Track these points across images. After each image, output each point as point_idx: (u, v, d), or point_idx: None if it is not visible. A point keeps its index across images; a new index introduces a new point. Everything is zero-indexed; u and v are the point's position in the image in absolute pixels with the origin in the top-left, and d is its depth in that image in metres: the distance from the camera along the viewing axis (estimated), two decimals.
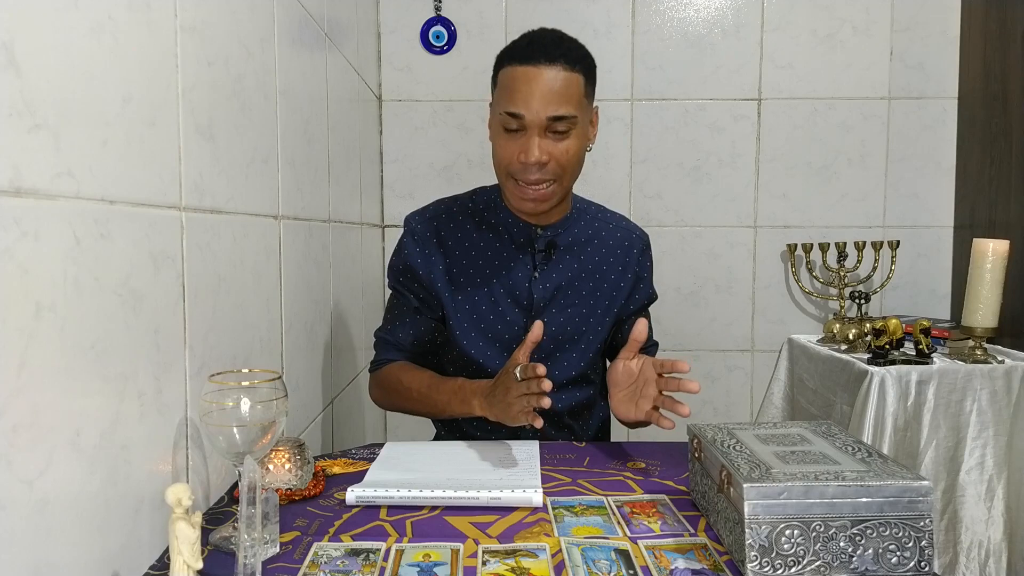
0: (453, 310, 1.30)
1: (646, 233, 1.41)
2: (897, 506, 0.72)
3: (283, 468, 0.92)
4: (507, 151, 1.20)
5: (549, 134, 1.17)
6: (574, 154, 1.20)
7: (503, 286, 1.29)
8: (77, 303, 0.64)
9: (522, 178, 1.20)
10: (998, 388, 1.85)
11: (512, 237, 1.30)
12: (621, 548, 0.80)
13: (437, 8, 2.33)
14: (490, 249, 1.31)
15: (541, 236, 1.30)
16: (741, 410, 2.45)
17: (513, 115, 1.17)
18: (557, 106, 1.16)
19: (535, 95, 1.15)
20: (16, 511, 0.57)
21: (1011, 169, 2.09)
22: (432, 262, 1.30)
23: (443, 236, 1.32)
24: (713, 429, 0.92)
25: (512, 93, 1.17)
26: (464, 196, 1.37)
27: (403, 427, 2.37)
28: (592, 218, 1.36)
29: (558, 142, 1.18)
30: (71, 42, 0.64)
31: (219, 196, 0.97)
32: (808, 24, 2.34)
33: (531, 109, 1.15)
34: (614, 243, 1.35)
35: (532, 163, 1.17)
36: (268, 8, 1.18)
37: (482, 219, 1.33)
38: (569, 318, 1.30)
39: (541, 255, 1.30)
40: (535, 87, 1.15)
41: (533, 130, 1.16)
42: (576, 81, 1.17)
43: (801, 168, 2.38)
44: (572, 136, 1.19)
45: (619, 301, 1.34)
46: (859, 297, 2.12)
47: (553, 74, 1.15)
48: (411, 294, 1.33)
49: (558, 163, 1.19)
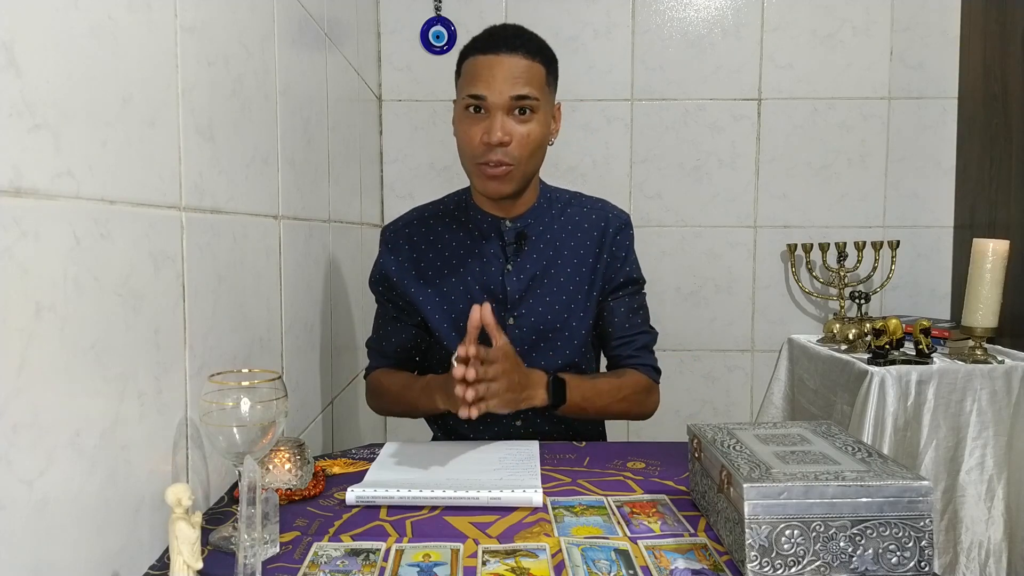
0: (431, 312, 1.31)
1: (626, 213, 1.38)
2: (897, 506, 0.72)
3: (283, 468, 0.92)
4: (470, 134, 1.21)
5: (512, 115, 1.20)
6: (535, 139, 1.22)
7: (477, 282, 1.30)
8: (77, 303, 0.64)
9: (484, 160, 1.21)
10: (998, 388, 1.85)
11: (482, 232, 1.31)
12: (621, 548, 0.80)
13: (437, 8, 2.33)
14: (462, 247, 1.32)
15: (510, 228, 1.30)
16: (741, 410, 2.45)
17: (476, 96, 1.20)
18: (520, 86, 1.19)
19: (497, 77, 1.19)
20: (16, 511, 0.57)
21: (1011, 169, 2.09)
22: (405, 269, 1.32)
23: (416, 241, 1.33)
24: (713, 429, 0.92)
25: (475, 78, 1.21)
26: (437, 201, 1.40)
27: (403, 427, 2.37)
28: (564, 205, 1.35)
29: (520, 124, 1.20)
30: (71, 42, 0.64)
31: (219, 196, 0.97)
32: (808, 24, 2.34)
33: (494, 90, 1.18)
34: (589, 226, 1.34)
35: (495, 142, 1.18)
36: (268, 8, 1.18)
37: (453, 218, 1.34)
38: (548, 307, 1.30)
39: (512, 247, 1.30)
40: (497, 71, 1.19)
41: (496, 112, 1.19)
42: (537, 69, 1.21)
43: (801, 168, 2.38)
44: (534, 121, 1.21)
45: (598, 284, 1.32)
46: (859, 297, 2.12)
47: (515, 60, 1.20)
48: (390, 303, 1.35)
49: (519, 145, 1.20)
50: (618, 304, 1.34)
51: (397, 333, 1.36)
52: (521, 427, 1.30)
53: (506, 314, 1.29)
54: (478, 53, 1.22)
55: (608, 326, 1.34)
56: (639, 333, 1.36)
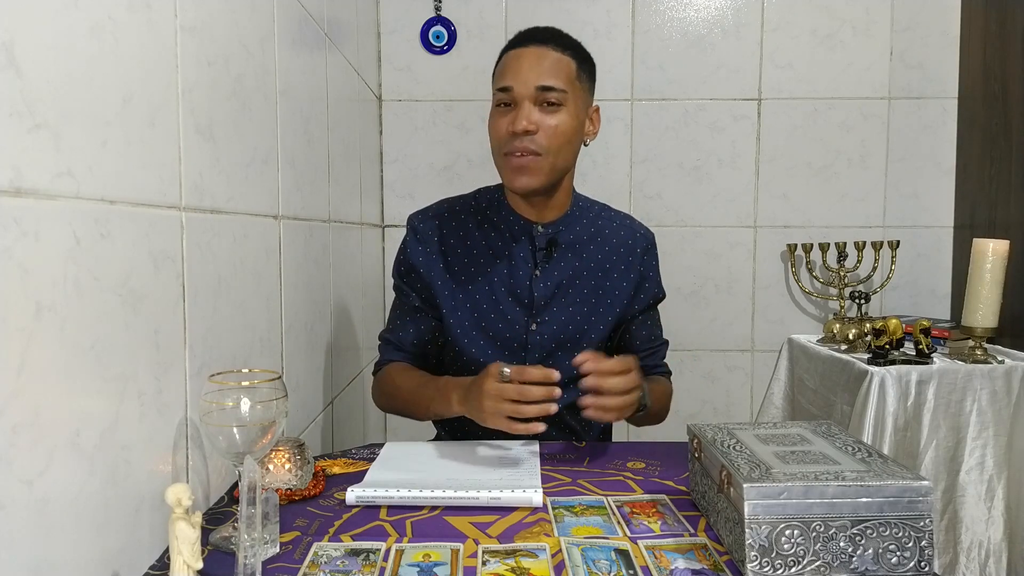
0: (452, 309, 1.29)
1: (651, 232, 1.40)
2: (897, 506, 0.72)
3: (283, 468, 0.92)
4: (499, 126, 1.22)
5: (539, 106, 1.19)
6: (564, 131, 1.20)
7: (504, 284, 1.29)
8: (77, 303, 0.64)
9: (509, 149, 1.20)
10: (998, 388, 1.85)
11: (513, 235, 1.30)
12: (621, 548, 0.80)
13: (437, 8, 2.33)
14: (491, 247, 1.31)
15: (542, 233, 1.29)
16: (741, 410, 2.45)
17: (504, 89, 1.21)
18: (546, 77, 1.19)
19: (523, 68, 1.20)
20: (16, 511, 0.56)
21: (1011, 169, 2.09)
22: (432, 260, 1.30)
23: (445, 235, 1.32)
24: (713, 429, 0.92)
25: (503, 71, 1.22)
26: (467, 196, 1.38)
27: (403, 427, 2.37)
28: (595, 216, 1.36)
29: (548, 115, 1.19)
30: (71, 42, 0.64)
31: (219, 196, 0.97)
32: (808, 24, 2.34)
33: (519, 80, 1.19)
34: (617, 242, 1.34)
35: (520, 130, 1.18)
36: (268, 8, 1.18)
37: (484, 217, 1.33)
38: (570, 317, 1.30)
39: (542, 253, 1.29)
40: (524, 62, 1.20)
41: (523, 101, 1.19)
42: (566, 62, 1.21)
43: (801, 168, 2.38)
44: (563, 112, 1.20)
45: (622, 301, 1.33)
46: (859, 297, 2.12)
47: (543, 51, 1.20)
48: (413, 292, 1.33)
49: (545, 135, 1.19)
50: (645, 318, 1.38)
51: (416, 324, 1.33)
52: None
53: (529, 319, 1.28)
54: (509, 49, 1.24)
55: (636, 339, 1.38)
56: (661, 344, 1.43)
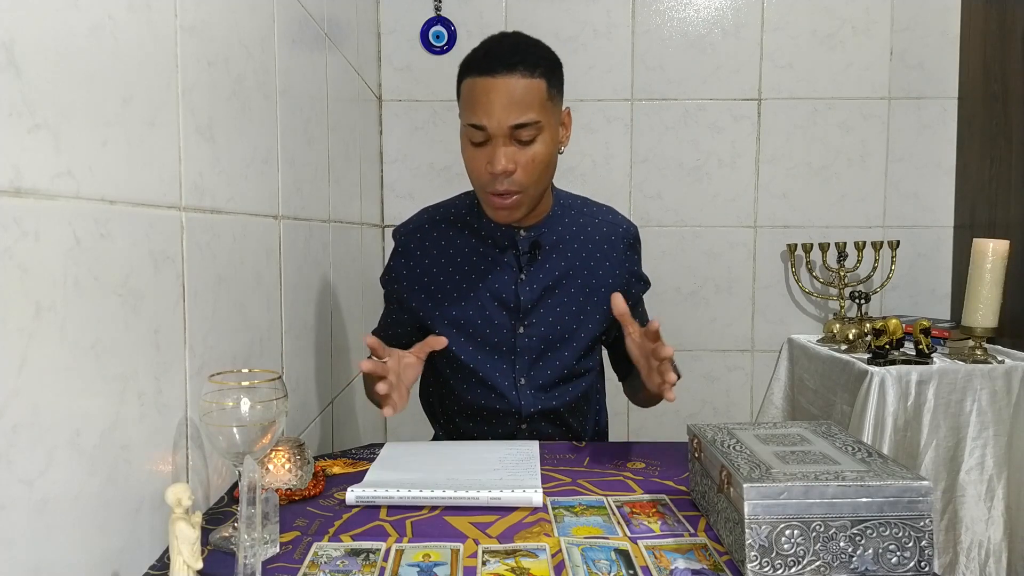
0: (438, 318, 1.30)
1: (634, 225, 1.39)
2: (897, 506, 0.72)
3: (283, 468, 0.92)
4: (476, 163, 1.20)
5: (514, 142, 1.17)
6: (541, 161, 1.19)
7: (489, 290, 1.29)
8: (77, 303, 0.64)
9: (491, 189, 1.19)
10: (998, 388, 1.85)
11: (495, 241, 1.30)
12: (621, 548, 0.80)
13: (437, 8, 2.33)
14: (474, 254, 1.30)
15: (524, 237, 1.29)
16: (741, 410, 2.45)
17: (476, 127, 1.16)
18: (519, 114, 1.14)
19: (495, 105, 1.14)
20: (16, 511, 0.57)
21: (1011, 169, 2.09)
22: (416, 275, 1.31)
23: (427, 247, 1.32)
24: (713, 429, 0.92)
25: (473, 105, 1.17)
26: (449, 202, 1.38)
27: (403, 427, 2.37)
28: (577, 213, 1.35)
29: (524, 149, 1.17)
30: (71, 42, 0.64)
31: (219, 196, 0.97)
32: (808, 24, 2.34)
33: (492, 119, 1.14)
34: (600, 238, 1.34)
35: (499, 172, 1.16)
36: (268, 8, 1.18)
37: (465, 224, 1.33)
38: (558, 317, 1.30)
39: (526, 256, 1.29)
40: (494, 97, 1.14)
41: (498, 140, 1.16)
42: (537, 86, 1.16)
43: (801, 168, 2.38)
44: (538, 142, 1.18)
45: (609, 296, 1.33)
46: (859, 297, 2.12)
47: (513, 82, 1.14)
48: (396, 303, 1.36)
49: (524, 171, 1.17)
50: (635, 312, 1.37)
51: (396, 331, 1.36)
52: (526, 429, 1.30)
53: (516, 323, 1.28)
54: (475, 74, 1.17)
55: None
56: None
